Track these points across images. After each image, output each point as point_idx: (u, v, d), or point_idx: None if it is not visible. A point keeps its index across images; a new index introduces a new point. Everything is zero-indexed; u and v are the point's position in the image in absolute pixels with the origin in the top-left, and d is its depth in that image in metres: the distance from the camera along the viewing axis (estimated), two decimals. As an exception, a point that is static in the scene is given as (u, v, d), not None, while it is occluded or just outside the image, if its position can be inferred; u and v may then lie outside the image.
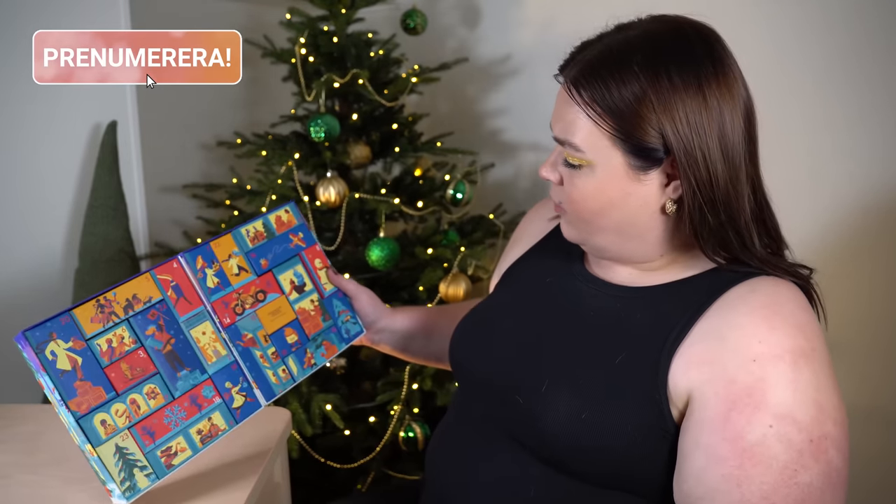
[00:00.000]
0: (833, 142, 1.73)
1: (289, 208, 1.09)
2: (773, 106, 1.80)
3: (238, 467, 0.98)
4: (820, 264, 0.91)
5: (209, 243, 0.99)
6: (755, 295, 0.81)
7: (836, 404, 0.78)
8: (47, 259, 2.06)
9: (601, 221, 0.86)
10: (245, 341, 0.98)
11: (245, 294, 1.00)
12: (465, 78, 2.30)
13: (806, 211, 1.77)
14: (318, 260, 1.10)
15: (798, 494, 0.73)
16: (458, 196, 1.93)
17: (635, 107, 0.79)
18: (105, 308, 0.88)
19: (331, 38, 1.92)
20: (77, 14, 2.01)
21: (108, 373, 0.86)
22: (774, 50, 1.78)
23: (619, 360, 0.83)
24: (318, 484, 1.90)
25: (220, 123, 2.38)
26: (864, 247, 1.72)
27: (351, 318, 1.11)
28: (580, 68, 0.83)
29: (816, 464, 0.74)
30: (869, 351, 1.74)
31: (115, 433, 0.85)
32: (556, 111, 0.87)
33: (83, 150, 2.06)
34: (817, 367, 0.78)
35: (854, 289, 1.74)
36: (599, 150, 0.83)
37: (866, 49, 1.67)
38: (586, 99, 0.82)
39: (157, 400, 0.89)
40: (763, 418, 0.75)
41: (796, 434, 0.74)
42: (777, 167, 1.80)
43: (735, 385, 0.77)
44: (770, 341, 0.77)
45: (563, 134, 0.85)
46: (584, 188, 0.85)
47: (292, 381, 1.02)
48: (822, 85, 1.73)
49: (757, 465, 0.74)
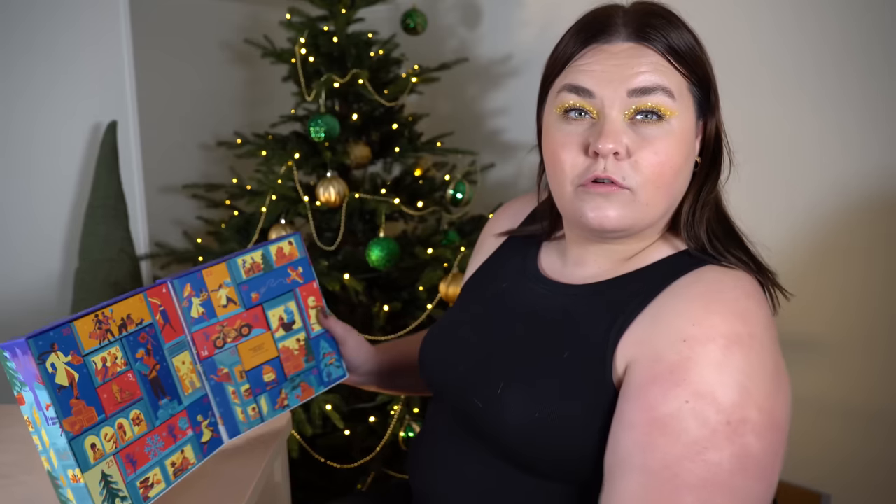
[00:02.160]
0: (826, 140, 1.73)
1: (293, 240, 1.06)
2: (762, 103, 1.80)
3: (238, 467, 0.98)
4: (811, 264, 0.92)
5: (201, 270, 0.96)
6: (700, 283, 0.81)
7: (768, 393, 0.74)
8: (47, 259, 2.06)
9: (677, 184, 0.84)
10: (220, 376, 0.96)
11: (229, 327, 0.97)
12: (465, 78, 2.30)
13: (800, 209, 1.77)
14: (312, 298, 1.06)
15: (703, 471, 0.71)
16: (458, 196, 1.94)
17: (699, 53, 0.84)
18: (103, 324, 0.83)
19: (331, 38, 1.92)
20: (77, 14, 2.01)
21: (100, 393, 0.81)
22: (757, 47, 1.78)
23: (566, 355, 0.83)
24: (318, 484, 1.90)
25: (220, 123, 2.38)
26: (860, 246, 1.72)
27: (335, 362, 1.08)
28: (642, 25, 0.82)
29: (730, 446, 0.71)
30: (864, 351, 1.74)
31: (102, 458, 0.80)
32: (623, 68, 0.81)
33: (83, 150, 2.06)
34: (752, 355, 0.75)
35: (849, 289, 1.74)
36: (684, 99, 0.83)
37: (855, 45, 1.67)
38: (666, 47, 0.82)
39: (141, 427, 0.85)
40: (680, 393, 0.73)
41: (713, 413, 0.72)
42: (768, 164, 1.81)
43: (660, 363, 0.76)
44: (704, 324, 0.76)
45: (655, 82, 0.80)
46: (670, 146, 0.81)
47: (260, 421, 0.99)
48: (808, 80, 1.73)
49: (665, 435, 0.73)
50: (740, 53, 1.82)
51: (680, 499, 0.70)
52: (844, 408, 1.77)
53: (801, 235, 1.78)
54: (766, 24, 1.79)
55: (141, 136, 2.14)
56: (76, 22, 2.01)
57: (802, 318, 1.79)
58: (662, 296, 0.81)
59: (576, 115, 0.83)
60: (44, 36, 1.97)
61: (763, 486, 0.73)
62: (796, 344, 1.79)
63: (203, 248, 2.05)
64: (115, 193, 2.00)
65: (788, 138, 1.79)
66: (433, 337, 1.02)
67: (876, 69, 1.66)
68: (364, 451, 1.84)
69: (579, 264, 0.91)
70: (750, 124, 1.82)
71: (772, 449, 0.74)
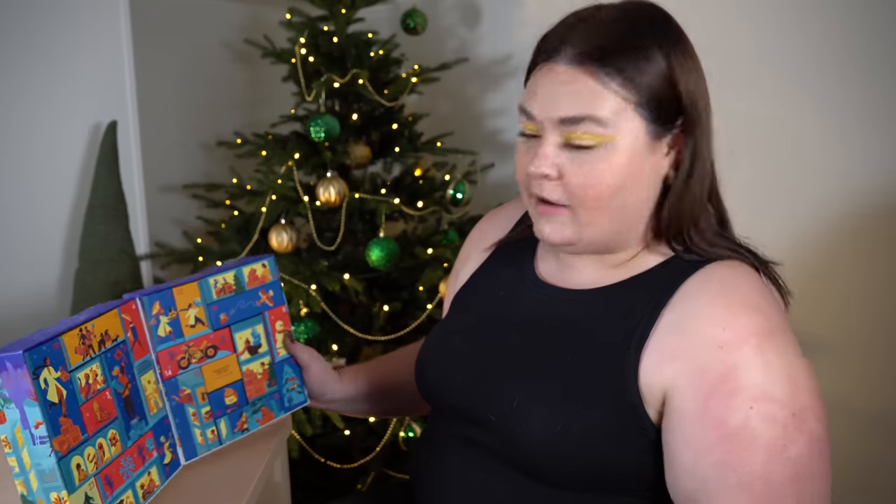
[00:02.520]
0: (828, 142, 1.73)
1: (267, 262, 1.03)
2: (764, 104, 1.80)
3: (238, 467, 0.98)
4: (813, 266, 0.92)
5: (172, 288, 0.93)
6: (712, 283, 0.82)
7: (807, 374, 0.79)
8: (47, 259, 2.06)
9: (615, 204, 0.82)
10: (181, 397, 0.94)
11: (195, 348, 0.95)
12: (465, 78, 2.30)
13: (802, 210, 1.77)
14: (280, 322, 1.04)
15: (791, 468, 0.75)
16: (458, 196, 1.93)
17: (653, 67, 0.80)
18: (86, 339, 0.79)
19: (331, 38, 1.92)
20: (77, 14, 2.01)
21: (83, 411, 0.77)
22: (758, 49, 1.78)
23: (583, 364, 0.83)
24: (318, 484, 1.90)
25: (220, 123, 2.38)
26: (862, 248, 1.72)
27: (297, 388, 1.06)
28: (582, 46, 0.80)
29: (801, 435, 0.76)
30: (865, 353, 1.74)
31: (85, 480, 0.76)
32: (554, 94, 0.81)
33: (83, 150, 2.06)
34: (780, 344, 0.78)
35: (850, 291, 1.74)
36: (623, 122, 0.80)
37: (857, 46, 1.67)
38: (604, 69, 0.79)
39: (117, 447, 0.81)
40: (742, 402, 0.76)
41: (778, 410, 0.75)
42: (770, 165, 1.81)
43: (707, 375, 0.77)
44: (733, 327, 0.78)
45: (580, 111, 0.79)
46: (603, 169, 0.80)
47: (218, 444, 0.97)
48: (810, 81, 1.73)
49: (746, 448, 0.75)
50: (742, 55, 1.82)
51: (781, 500, 0.75)
52: (845, 410, 1.77)
53: (802, 237, 1.78)
54: (767, 26, 1.79)
55: (141, 136, 2.14)
56: (76, 22, 2.01)
57: (803, 320, 1.79)
58: (676, 301, 0.81)
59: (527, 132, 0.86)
60: (43, 36, 1.97)
61: (829, 462, 0.79)
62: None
63: (203, 248, 2.05)
64: (115, 193, 2.00)
65: (790, 140, 1.79)
66: (429, 349, 1.00)
67: (878, 70, 1.66)
68: (364, 451, 1.84)
69: (573, 269, 0.91)
70: (751, 126, 1.82)
71: (827, 426, 0.79)
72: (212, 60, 2.45)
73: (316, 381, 1.08)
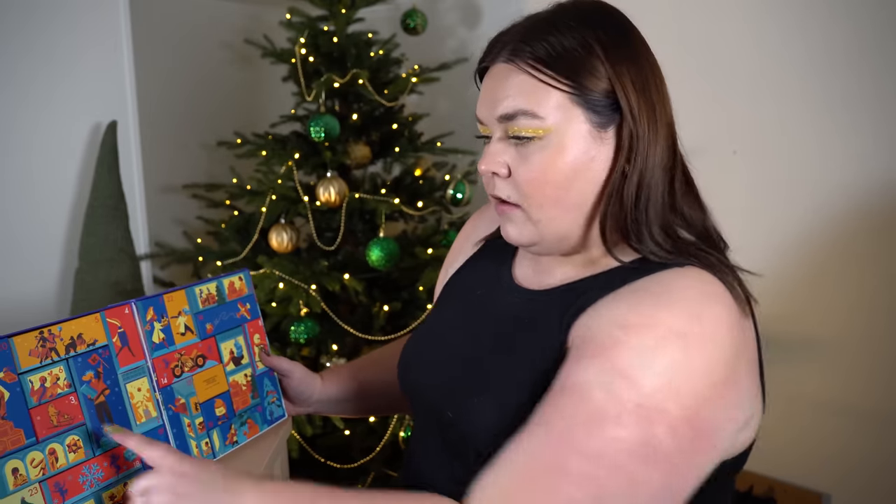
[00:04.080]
0: (828, 142, 1.73)
1: (242, 276, 1.05)
2: (764, 106, 1.80)
3: (238, 467, 0.98)
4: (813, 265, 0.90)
5: (163, 295, 0.94)
6: (659, 284, 0.77)
7: (699, 396, 0.71)
8: (47, 259, 2.06)
9: (564, 198, 0.81)
10: (177, 406, 0.93)
11: (186, 356, 0.95)
12: (465, 78, 2.29)
13: (802, 211, 1.77)
14: (257, 336, 1.06)
15: (599, 443, 0.69)
16: (458, 196, 1.93)
17: (585, 56, 0.79)
18: (47, 342, 0.78)
19: (331, 38, 1.92)
20: (77, 15, 2.01)
21: (32, 415, 0.75)
22: (762, 51, 1.78)
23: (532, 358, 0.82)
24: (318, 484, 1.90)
25: (220, 123, 2.38)
26: (862, 248, 1.72)
27: (276, 401, 1.07)
28: (515, 42, 0.81)
29: (636, 428, 0.69)
30: (865, 351, 1.74)
31: (24, 486, 0.73)
32: (492, 94, 0.82)
33: (83, 150, 2.06)
34: (693, 353, 0.71)
35: (850, 291, 1.74)
36: (560, 112, 0.79)
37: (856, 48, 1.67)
38: (534, 63, 0.79)
39: (78, 454, 0.79)
40: (598, 365, 0.72)
41: (626, 391, 0.70)
42: (770, 166, 1.81)
43: (591, 343, 0.75)
44: (647, 315, 0.73)
45: (515, 106, 0.80)
46: (545, 160, 0.80)
47: (212, 457, 0.97)
48: (811, 83, 1.73)
49: (571, 398, 0.72)
50: (742, 56, 1.82)
51: (568, 460, 0.70)
52: (845, 408, 1.77)
53: (802, 237, 1.78)
54: (768, 28, 1.79)
55: (141, 136, 2.14)
56: (76, 23, 2.01)
57: (803, 319, 1.79)
58: (618, 291, 0.79)
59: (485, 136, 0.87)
60: (44, 37, 1.97)
61: (662, 481, 0.70)
62: (797, 345, 1.79)
63: (203, 247, 2.05)
64: (115, 193, 2.00)
65: (790, 140, 1.79)
66: (407, 347, 1.02)
67: (878, 72, 1.66)
68: (364, 451, 1.84)
69: (547, 272, 0.91)
70: (752, 126, 1.83)
71: (685, 448, 0.71)
72: (212, 60, 2.45)
73: (300, 387, 1.09)
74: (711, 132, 1.85)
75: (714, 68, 1.85)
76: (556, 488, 0.69)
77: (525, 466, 0.71)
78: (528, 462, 0.71)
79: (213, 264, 1.94)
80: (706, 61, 1.85)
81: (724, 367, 0.73)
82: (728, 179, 1.84)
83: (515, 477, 0.71)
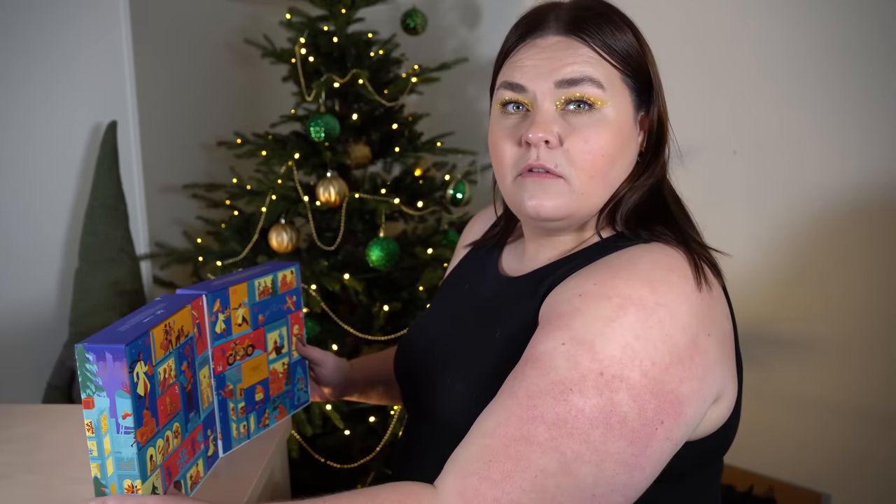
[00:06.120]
0: (827, 140, 1.73)
1: (294, 269, 1.09)
2: (763, 104, 1.81)
3: (238, 467, 0.98)
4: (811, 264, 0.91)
5: (228, 288, 0.97)
6: (621, 257, 0.80)
7: (660, 362, 0.71)
8: (47, 259, 2.06)
9: (611, 172, 0.84)
10: (226, 392, 0.98)
11: (240, 345, 1.00)
12: (465, 78, 2.30)
13: (800, 209, 1.77)
14: (296, 326, 1.11)
15: (563, 410, 0.70)
16: (458, 196, 1.94)
17: (634, 45, 0.85)
18: (168, 335, 0.82)
19: (331, 38, 1.92)
20: (77, 14, 2.01)
21: (159, 404, 0.80)
22: (761, 53, 1.78)
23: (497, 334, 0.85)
24: (318, 484, 1.90)
25: (220, 123, 2.38)
26: (861, 247, 1.72)
27: (304, 388, 1.13)
28: (572, 17, 0.85)
29: (597, 396, 0.70)
30: (865, 351, 1.74)
31: (155, 470, 0.79)
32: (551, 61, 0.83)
33: (83, 150, 2.06)
34: (652, 321, 0.72)
35: (850, 290, 1.74)
36: (617, 91, 0.83)
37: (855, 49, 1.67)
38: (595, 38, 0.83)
39: (178, 440, 0.84)
40: (559, 335, 0.73)
41: (587, 361, 0.71)
42: (769, 164, 1.81)
43: (552, 313, 0.76)
44: (605, 284, 0.75)
45: (582, 72, 0.82)
46: (600, 133, 0.82)
47: (247, 438, 1.03)
48: (809, 82, 1.74)
49: (535, 369, 0.73)
50: (743, 56, 1.82)
51: (534, 429, 0.71)
52: (845, 408, 1.77)
53: (802, 237, 1.78)
54: (768, 28, 1.79)
55: (141, 136, 2.14)
56: (76, 22, 2.01)
57: (803, 319, 1.79)
58: (586, 267, 0.81)
59: (513, 109, 0.87)
60: (44, 36, 1.97)
61: (629, 450, 0.71)
62: (797, 345, 1.79)
63: (203, 247, 2.05)
64: (115, 193, 2.00)
65: (789, 139, 1.79)
66: (403, 341, 1.07)
67: (877, 72, 1.66)
68: (364, 451, 1.84)
69: (532, 259, 0.93)
70: (752, 126, 1.83)
71: (649, 416, 0.71)
72: (212, 60, 2.45)
73: (331, 375, 1.15)
74: (712, 132, 1.85)
75: (714, 68, 1.85)
76: (526, 457, 0.70)
77: (495, 438, 0.72)
78: (498, 433, 0.72)
79: (213, 264, 1.94)
80: (706, 61, 1.85)
81: (684, 336, 0.73)
82: (728, 179, 1.84)
83: (486, 450, 0.72)
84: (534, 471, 0.70)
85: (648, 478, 0.73)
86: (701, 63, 1.84)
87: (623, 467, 0.71)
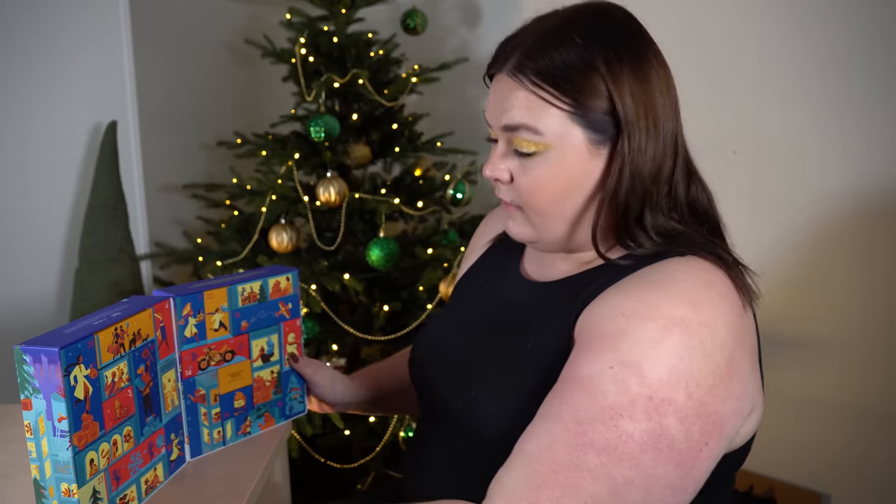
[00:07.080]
0: (829, 143, 1.73)
1: (290, 276, 1.07)
2: (765, 107, 1.81)
3: (238, 467, 0.98)
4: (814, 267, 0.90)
5: (203, 292, 0.96)
6: (661, 271, 0.78)
7: (704, 383, 0.71)
8: (47, 259, 2.06)
9: (560, 208, 0.84)
10: (196, 396, 0.97)
11: (215, 351, 0.98)
12: (465, 78, 2.30)
13: (802, 212, 1.77)
14: (292, 335, 1.08)
15: (613, 436, 0.70)
16: (458, 196, 1.93)
17: (587, 75, 0.79)
18: (119, 338, 0.81)
19: (331, 38, 1.92)
20: (77, 14, 2.01)
21: (104, 408, 0.79)
22: (763, 55, 1.78)
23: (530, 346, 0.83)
24: (318, 484, 1.90)
25: (220, 123, 2.38)
26: (863, 250, 1.72)
27: (299, 398, 1.11)
28: (519, 55, 0.82)
29: (647, 421, 0.70)
30: (865, 352, 1.74)
31: (96, 474, 0.79)
32: (498, 104, 0.84)
33: (83, 150, 2.06)
34: (695, 341, 0.72)
35: (851, 291, 1.74)
36: (559, 129, 0.81)
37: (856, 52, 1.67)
38: (536, 80, 0.80)
39: (129, 444, 0.84)
40: (605, 358, 0.72)
41: (636, 384, 0.70)
42: (771, 168, 1.81)
43: (595, 332, 0.75)
44: (649, 303, 0.74)
45: (516, 120, 0.82)
46: (543, 174, 0.82)
47: (222, 444, 1.01)
48: (811, 86, 1.74)
49: (581, 393, 0.72)
50: (744, 57, 1.82)
51: (584, 455, 0.71)
52: (845, 408, 1.77)
53: (802, 237, 1.78)
54: (769, 31, 1.79)
55: (141, 136, 2.14)
56: (76, 22, 2.01)
57: (804, 319, 1.79)
58: (623, 280, 0.80)
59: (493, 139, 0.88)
60: (44, 36, 1.97)
61: (675, 473, 0.71)
62: (798, 345, 1.79)
63: (203, 247, 2.05)
64: (115, 193, 2.00)
65: (791, 141, 1.79)
66: (420, 339, 1.04)
67: (878, 75, 1.66)
68: (364, 451, 1.84)
69: (550, 266, 0.93)
70: (752, 127, 1.83)
71: (696, 438, 0.71)
72: (212, 60, 2.45)
73: (327, 389, 1.12)
74: (712, 132, 1.85)
75: (715, 69, 1.85)
76: (575, 483, 0.70)
77: (542, 464, 0.72)
78: (546, 459, 0.72)
79: (213, 264, 1.94)
80: (707, 62, 1.85)
81: (723, 354, 0.73)
82: (728, 179, 1.84)
83: (534, 475, 0.71)
84: (584, 497, 0.70)
85: (690, 497, 0.74)
86: (702, 66, 1.84)
87: (670, 490, 0.71)
